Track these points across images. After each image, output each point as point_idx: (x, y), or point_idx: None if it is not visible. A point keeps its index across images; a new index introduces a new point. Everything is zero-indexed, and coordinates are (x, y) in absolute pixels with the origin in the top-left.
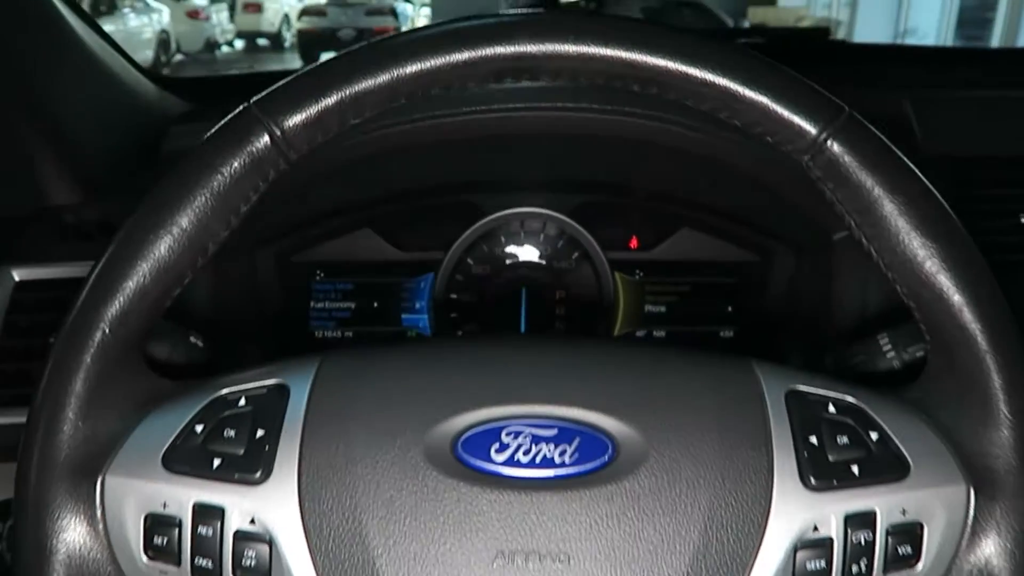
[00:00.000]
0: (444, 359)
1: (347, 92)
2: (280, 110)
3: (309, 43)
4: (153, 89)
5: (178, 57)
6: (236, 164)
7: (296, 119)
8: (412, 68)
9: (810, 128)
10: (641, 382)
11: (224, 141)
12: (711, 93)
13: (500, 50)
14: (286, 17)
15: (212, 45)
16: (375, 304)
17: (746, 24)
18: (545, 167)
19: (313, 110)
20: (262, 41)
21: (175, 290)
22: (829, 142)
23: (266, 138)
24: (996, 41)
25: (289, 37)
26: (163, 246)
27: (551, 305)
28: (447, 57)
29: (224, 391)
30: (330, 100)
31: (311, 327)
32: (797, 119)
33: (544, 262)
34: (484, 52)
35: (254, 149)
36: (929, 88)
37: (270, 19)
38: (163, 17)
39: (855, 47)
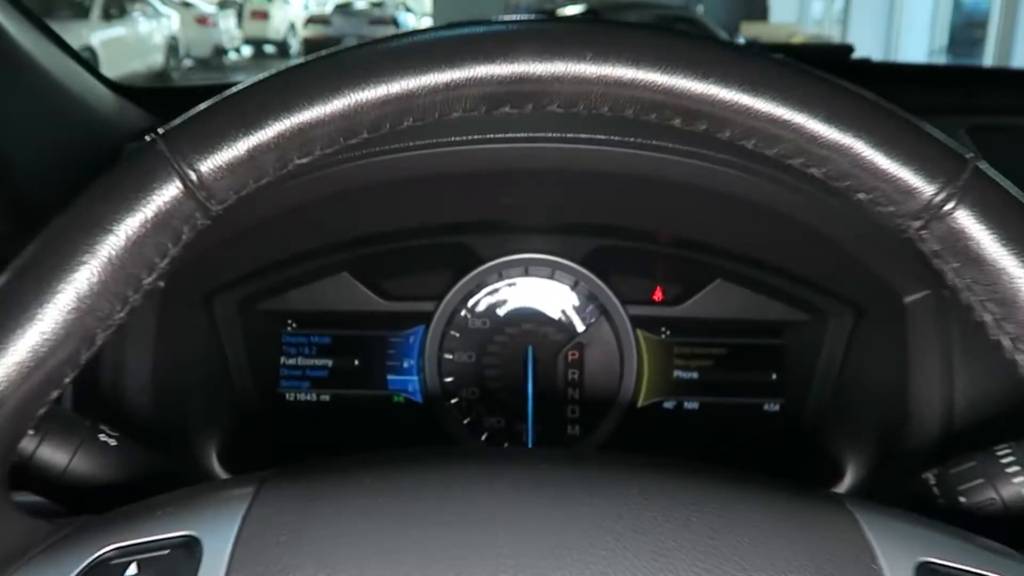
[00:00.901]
0: (423, 498)
1: (287, 123)
2: (196, 147)
3: (314, 50)
4: (112, 101)
5: (187, 62)
6: (134, 222)
7: (218, 159)
8: (375, 92)
9: (925, 186)
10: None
11: (120, 190)
12: (783, 135)
13: (494, 70)
14: (292, 26)
15: (220, 51)
16: (356, 362)
17: (741, 39)
18: (553, 206)
19: (242, 147)
20: (269, 48)
21: (49, 395)
22: (951, 204)
23: (176, 185)
24: (989, 61)
25: (295, 44)
26: (31, 338)
27: (563, 367)
28: (423, 78)
29: (110, 549)
30: (265, 134)
31: (281, 388)
32: (907, 173)
33: (554, 317)
34: (473, 72)
35: (161, 201)
36: (981, 114)
37: (276, 27)
38: (172, 23)
39: (882, 66)
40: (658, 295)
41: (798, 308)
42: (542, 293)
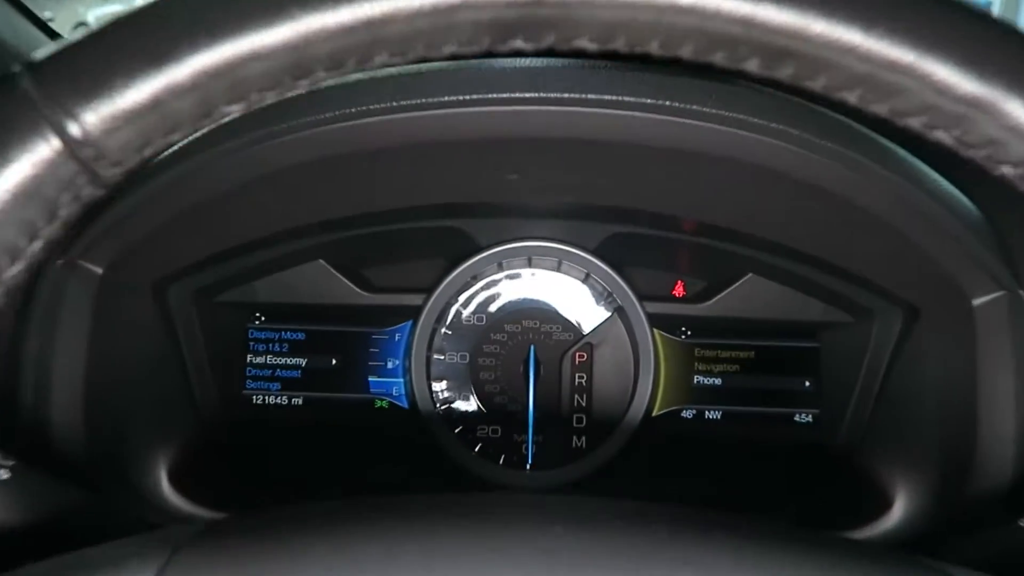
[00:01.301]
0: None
1: (210, 54)
2: (78, 87)
3: None
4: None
5: None
6: None
7: (110, 105)
8: (335, 13)
9: None
10: None
11: None
12: (906, 84)
13: None
14: None
15: None
16: (333, 361)
17: None
18: (562, 184)
19: (144, 87)
20: None
21: None
22: None
23: (48, 140)
24: None
25: None
26: None
27: (569, 371)
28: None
29: None
30: (178, 69)
31: (247, 390)
32: None
33: (560, 313)
34: None
35: (27, 163)
36: None
37: None
38: None
39: None
40: (679, 290)
41: (839, 307)
42: (547, 286)
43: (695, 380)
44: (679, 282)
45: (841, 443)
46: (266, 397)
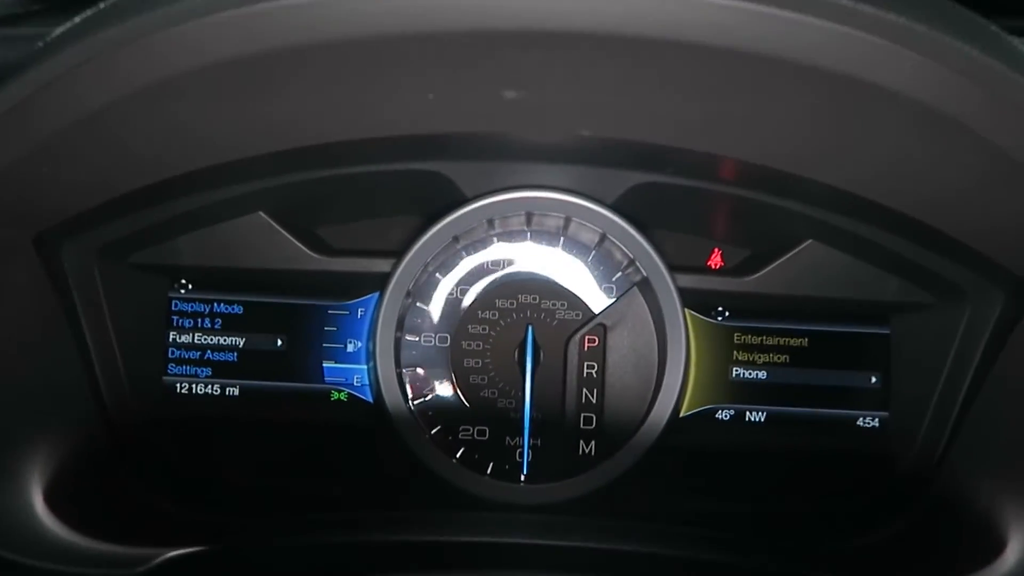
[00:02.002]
0: None
1: None
2: None
3: None
4: None
5: None
6: None
7: None
8: None
9: None
10: None
11: None
12: None
13: None
14: None
15: None
16: (279, 342)
17: None
18: (574, 110)
19: None
20: None
21: None
22: None
23: None
24: None
25: None
26: None
27: (576, 359)
28: None
29: None
30: None
31: (169, 376)
32: None
33: (565, 286)
34: None
35: None
36: None
37: None
38: None
39: None
40: (715, 260)
41: (920, 284)
42: (550, 252)
43: (733, 373)
44: (715, 250)
45: (916, 456)
46: (193, 386)
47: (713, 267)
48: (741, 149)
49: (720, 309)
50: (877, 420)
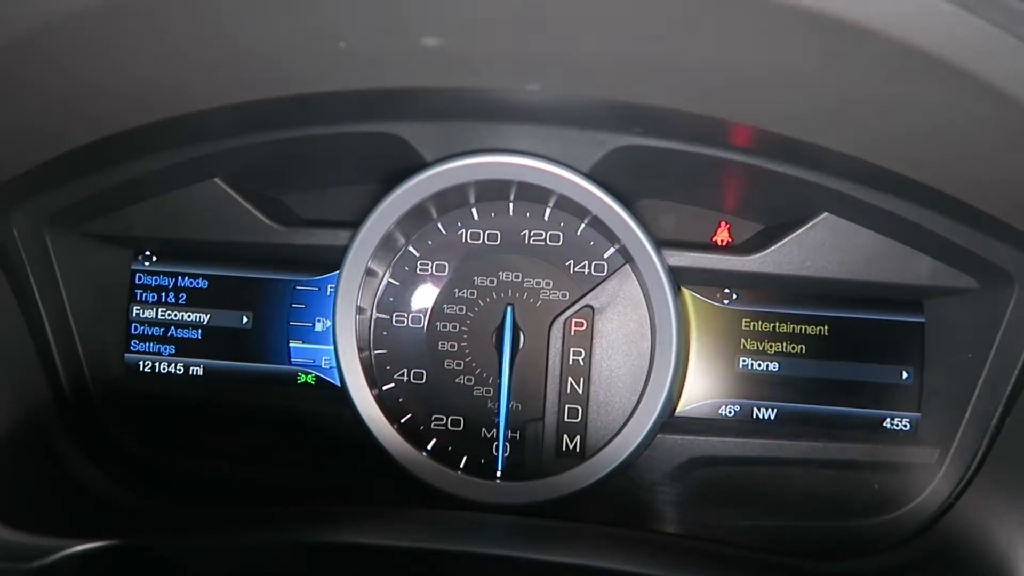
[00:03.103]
0: None
1: None
2: None
3: None
4: None
5: None
6: None
7: None
8: None
9: None
10: None
11: None
12: None
13: None
14: None
15: None
16: (244, 319)
17: None
18: (547, 57)
19: None
20: None
21: None
22: None
23: None
24: None
25: None
26: None
27: (560, 345)
28: None
29: None
30: None
31: (131, 353)
32: None
33: (552, 263)
34: None
35: None
36: None
37: None
38: None
39: None
40: (722, 236)
41: (957, 266)
42: (535, 223)
43: (741, 364)
44: (722, 225)
45: (954, 464)
46: (156, 364)
47: (719, 244)
48: (747, 109)
49: (727, 291)
50: (908, 422)
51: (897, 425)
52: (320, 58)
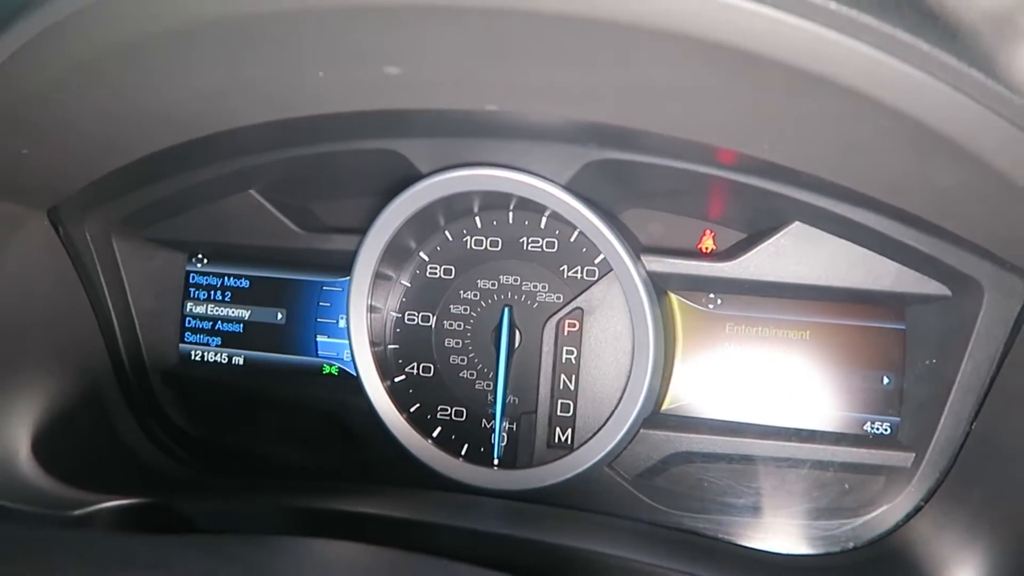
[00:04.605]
0: None
1: None
2: None
3: None
4: None
5: None
6: None
7: None
8: None
9: None
10: None
11: None
12: None
13: None
14: None
15: None
16: (279, 315)
17: None
18: (526, 83)
19: None
20: None
21: None
22: None
23: None
24: None
25: None
26: None
27: (553, 344)
28: None
29: None
30: None
31: (185, 344)
32: None
33: (547, 267)
34: None
35: None
36: None
37: None
38: None
39: None
40: (707, 243)
41: (928, 274)
42: (533, 230)
43: (724, 366)
44: (707, 233)
45: (928, 469)
46: (205, 353)
47: (703, 251)
48: (713, 135)
49: (712, 296)
50: (888, 426)
51: (877, 429)
52: (318, 85)
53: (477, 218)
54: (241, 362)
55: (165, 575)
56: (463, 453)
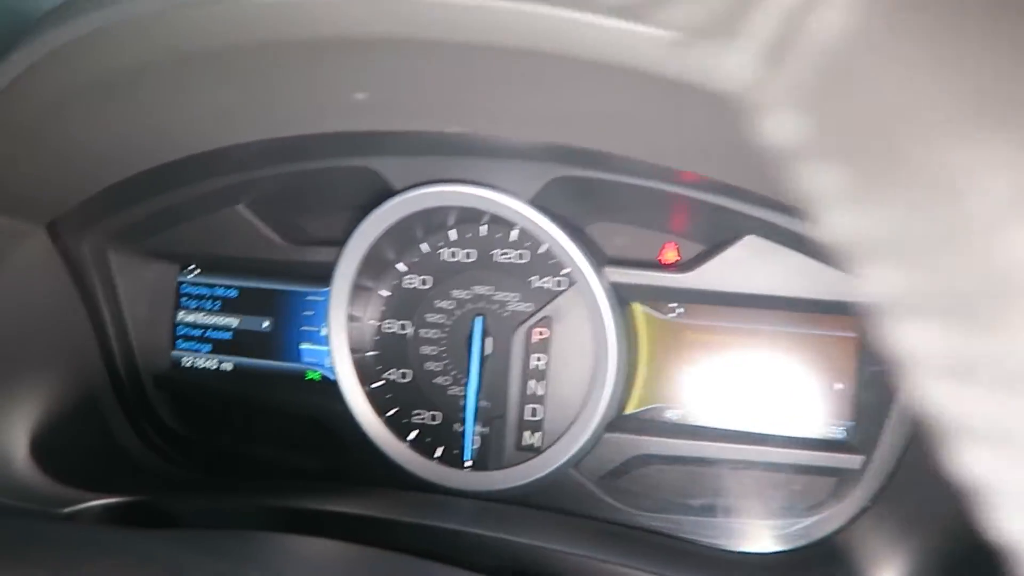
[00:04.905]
0: None
1: None
2: None
3: None
4: None
5: None
6: None
7: None
8: None
9: None
10: None
11: None
12: None
13: None
14: None
15: None
16: (266, 324)
17: None
18: (495, 107)
19: None
20: None
21: None
22: None
23: None
24: None
25: None
26: None
27: (522, 351)
28: None
29: None
30: None
31: (176, 351)
32: None
33: (519, 277)
34: None
35: None
36: None
37: None
38: None
39: None
40: (669, 255)
41: None
42: (506, 241)
43: (685, 372)
44: (668, 244)
45: (878, 468)
46: (195, 359)
47: (664, 263)
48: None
49: (673, 305)
50: (842, 429)
51: (830, 432)
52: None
53: (453, 231)
54: (230, 368)
55: (134, 562)
56: (437, 455)
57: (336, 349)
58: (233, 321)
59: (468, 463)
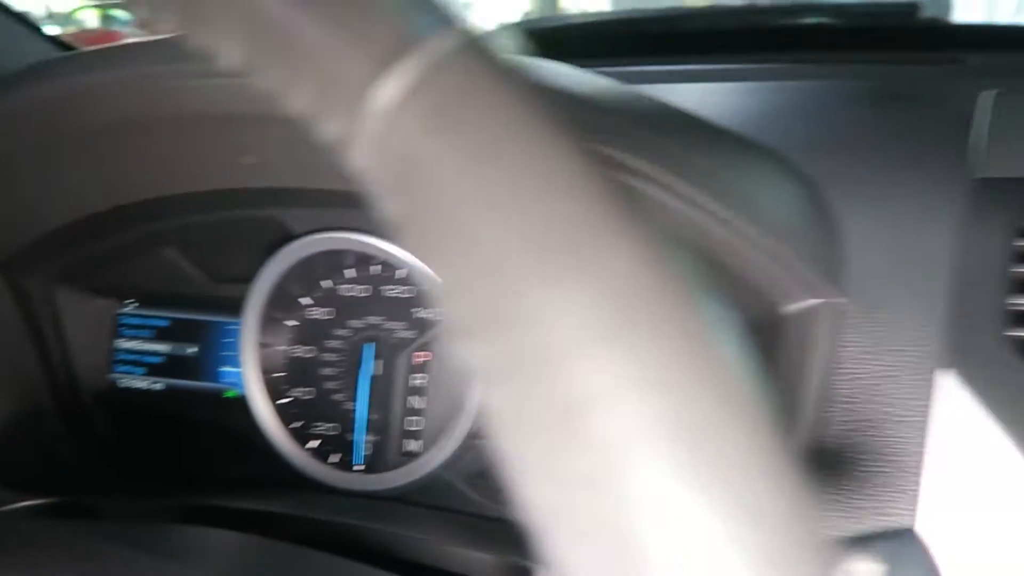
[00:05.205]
0: None
1: None
2: None
3: None
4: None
5: None
6: None
7: None
8: None
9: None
10: None
11: None
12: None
13: None
14: None
15: None
16: (189, 350)
17: None
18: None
19: None
20: None
21: None
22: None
23: None
24: None
25: None
26: None
27: (404, 371)
28: None
29: None
30: None
31: (113, 374)
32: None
33: (407, 309)
34: None
35: None
36: None
37: None
38: None
39: (958, 27)
40: None
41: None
42: (394, 279)
43: None
44: None
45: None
46: (131, 382)
47: None
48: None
49: None
50: None
51: None
52: (196, 168)
53: (351, 270)
54: (161, 387)
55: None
56: (333, 461)
57: (247, 370)
58: (164, 347)
59: (358, 467)
